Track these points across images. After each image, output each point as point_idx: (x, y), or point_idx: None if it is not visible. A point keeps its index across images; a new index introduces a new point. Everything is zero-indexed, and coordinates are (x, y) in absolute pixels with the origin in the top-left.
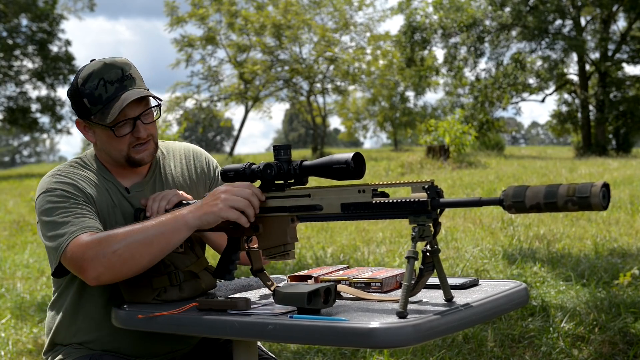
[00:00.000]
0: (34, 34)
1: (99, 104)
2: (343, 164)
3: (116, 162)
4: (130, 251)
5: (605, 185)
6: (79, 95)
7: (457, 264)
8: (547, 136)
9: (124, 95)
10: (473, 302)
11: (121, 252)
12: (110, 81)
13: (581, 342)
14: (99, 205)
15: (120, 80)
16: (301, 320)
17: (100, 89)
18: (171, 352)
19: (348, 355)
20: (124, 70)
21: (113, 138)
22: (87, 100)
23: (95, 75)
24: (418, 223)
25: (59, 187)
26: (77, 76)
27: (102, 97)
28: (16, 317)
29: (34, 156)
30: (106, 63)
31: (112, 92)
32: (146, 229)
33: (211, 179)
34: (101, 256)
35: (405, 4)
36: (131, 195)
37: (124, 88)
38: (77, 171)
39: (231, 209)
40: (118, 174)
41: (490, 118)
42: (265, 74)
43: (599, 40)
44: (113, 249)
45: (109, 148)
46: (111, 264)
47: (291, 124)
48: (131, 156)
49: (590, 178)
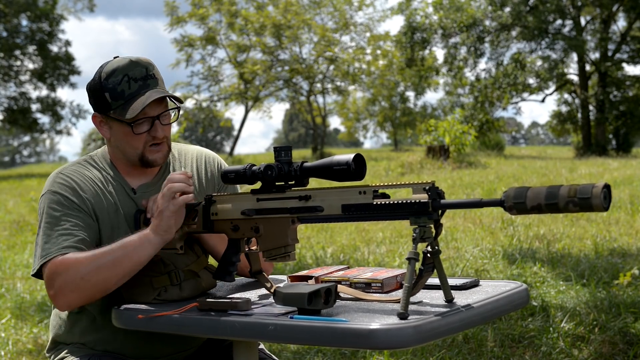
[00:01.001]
0: (34, 34)
1: (121, 99)
2: (344, 165)
3: (128, 161)
4: (97, 275)
5: (606, 186)
6: (100, 89)
7: (457, 264)
8: (547, 136)
9: (147, 93)
10: (474, 303)
11: (89, 277)
12: (134, 78)
13: (581, 342)
14: (99, 209)
15: (144, 78)
16: (301, 321)
17: (123, 85)
18: (173, 353)
19: (348, 355)
20: (147, 69)
21: (130, 135)
22: (109, 94)
23: (120, 71)
24: (419, 224)
25: (60, 191)
26: (101, 70)
27: (125, 93)
28: (16, 317)
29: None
30: (132, 60)
31: (135, 89)
32: (112, 251)
33: (220, 184)
34: (69, 283)
35: (405, 4)
36: (137, 196)
37: (147, 86)
38: (84, 171)
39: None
40: (127, 174)
41: (490, 118)
42: (265, 74)
43: (599, 40)
44: (80, 274)
45: (124, 145)
46: (80, 289)
47: (291, 124)
48: (145, 155)
49: (590, 178)
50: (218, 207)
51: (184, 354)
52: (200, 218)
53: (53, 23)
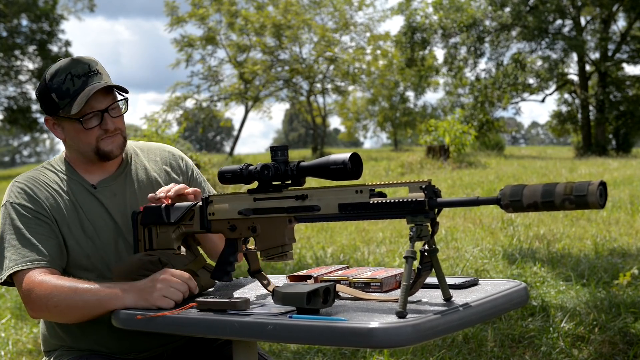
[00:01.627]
0: (34, 34)
1: (67, 97)
2: (340, 164)
3: (85, 158)
4: (68, 309)
5: (602, 183)
6: (47, 91)
7: (457, 264)
8: (547, 136)
9: (89, 87)
10: (472, 302)
11: (61, 308)
12: (77, 75)
13: (581, 342)
14: (55, 210)
15: (86, 74)
16: (300, 320)
17: (67, 83)
18: (161, 346)
19: (348, 355)
20: (90, 65)
21: (81, 131)
22: (55, 94)
23: (63, 71)
24: (416, 223)
25: (17, 200)
26: (45, 74)
27: (70, 91)
28: (16, 317)
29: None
30: (73, 59)
31: (79, 86)
32: (87, 293)
33: (187, 180)
34: (44, 303)
35: (405, 4)
36: (98, 191)
37: (90, 82)
38: (38, 177)
39: (165, 299)
40: (86, 172)
41: (490, 118)
42: (265, 74)
43: (599, 40)
44: (54, 302)
45: (78, 142)
46: (51, 313)
47: (291, 124)
48: (100, 148)
49: (590, 178)
50: (215, 207)
51: (171, 346)
52: (197, 218)
53: (53, 23)
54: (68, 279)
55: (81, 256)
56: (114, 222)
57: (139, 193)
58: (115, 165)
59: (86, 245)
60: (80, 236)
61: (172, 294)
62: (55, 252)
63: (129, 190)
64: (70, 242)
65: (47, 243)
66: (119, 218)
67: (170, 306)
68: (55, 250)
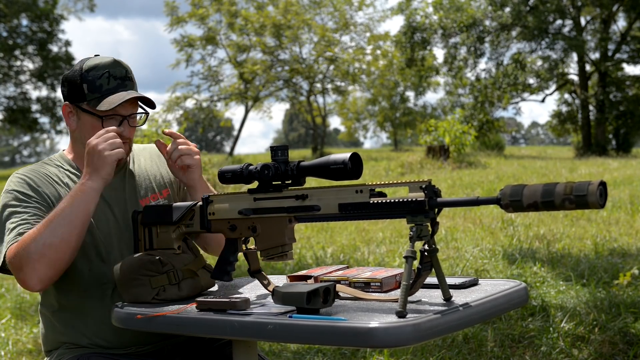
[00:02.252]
0: (34, 34)
1: (97, 92)
2: (340, 164)
3: None
4: (56, 236)
5: (602, 183)
6: (80, 79)
7: (457, 264)
8: (547, 136)
9: (125, 92)
10: (472, 302)
11: (50, 240)
12: (114, 76)
13: (581, 342)
14: (56, 200)
15: (123, 78)
16: (300, 320)
17: (103, 80)
18: (161, 341)
19: (348, 355)
20: (127, 71)
21: (97, 128)
22: (87, 86)
23: (102, 67)
24: (416, 223)
25: (16, 188)
26: (82, 64)
27: (103, 88)
28: (16, 317)
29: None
30: (115, 60)
31: (113, 86)
32: (62, 210)
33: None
34: (33, 254)
35: (405, 4)
36: None
37: (124, 86)
38: (39, 169)
39: (114, 151)
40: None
41: (490, 118)
42: (265, 74)
43: (599, 40)
44: (41, 242)
45: (88, 137)
46: (45, 256)
47: (291, 124)
48: None
49: (590, 178)
50: (215, 207)
51: (172, 341)
52: (197, 218)
53: (53, 23)
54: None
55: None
56: (113, 216)
57: (138, 188)
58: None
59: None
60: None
61: (111, 145)
62: None
63: (129, 186)
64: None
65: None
66: (118, 212)
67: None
68: None
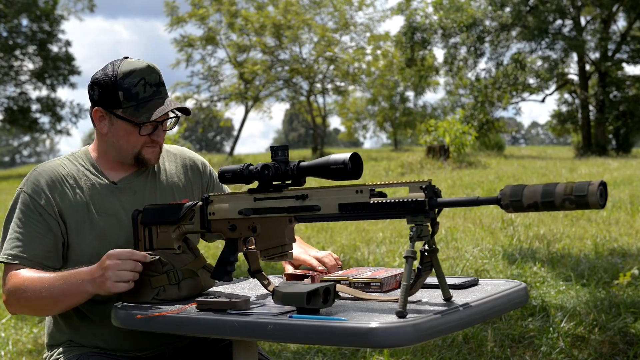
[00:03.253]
0: (34, 34)
1: (134, 100)
2: (340, 164)
3: (118, 158)
4: (38, 304)
5: (602, 183)
6: (114, 86)
7: (457, 264)
8: (547, 136)
9: (165, 104)
10: (472, 302)
11: (31, 303)
12: (150, 83)
13: (581, 342)
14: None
15: (157, 85)
16: (301, 320)
17: (139, 87)
18: (163, 345)
19: (348, 355)
20: (160, 76)
21: (132, 134)
22: (123, 93)
23: (138, 74)
24: (416, 223)
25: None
26: (116, 69)
27: (139, 96)
28: (16, 317)
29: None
30: (149, 65)
31: (149, 94)
32: (52, 287)
33: (207, 179)
34: (17, 300)
35: (405, 4)
36: (118, 188)
37: (159, 93)
38: (58, 170)
39: (119, 284)
40: (109, 168)
41: (490, 118)
42: (265, 74)
43: (599, 40)
44: (25, 297)
45: (122, 143)
46: (25, 308)
47: (291, 124)
48: (142, 154)
49: (590, 178)
50: (215, 207)
51: (173, 346)
52: (197, 218)
53: (53, 23)
54: (36, 271)
55: (83, 255)
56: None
57: (159, 192)
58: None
59: (91, 244)
60: (86, 235)
61: (122, 276)
62: (43, 252)
63: (150, 189)
64: (73, 240)
65: (38, 241)
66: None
67: (128, 288)
68: (45, 249)
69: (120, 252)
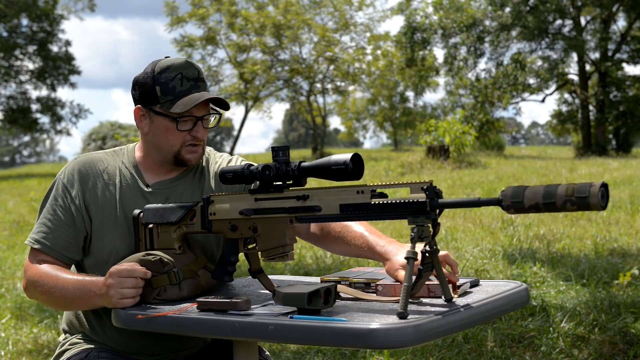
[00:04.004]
0: (34, 34)
1: (171, 95)
2: (342, 165)
3: (159, 157)
4: (51, 300)
5: (604, 185)
6: (152, 82)
7: (457, 264)
8: (547, 136)
9: (200, 93)
10: (473, 303)
11: (45, 297)
12: (187, 77)
13: (581, 342)
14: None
15: (196, 79)
16: (301, 321)
17: (176, 82)
18: (173, 351)
19: (348, 355)
20: (200, 72)
21: (171, 131)
22: (160, 88)
23: (174, 69)
24: (417, 224)
25: (65, 182)
26: (154, 65)
27: (176, 90)
28: (16, 317)
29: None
30: (187, 61)
31: (186, 88)
32: (65, 290)
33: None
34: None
35: (405, 4)
36: (150, 192)
37: (197, 87)
38: (97, 163)
39: (124, 300)
40: (147, 169)
41: (490, 118)
42: (265, 74)
43: (599, 40)
44: (40, 290)
45: (162, 141)
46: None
47: (291, 124)
48: (181, 153)
49: (590, 178)
50: (216, 207)
51: (185, 352)
52: (198, 218)
53: (53, 23)
54: (56, 267)
55: (103, 251)
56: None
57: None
58: (178, 170)
59: (112, 242)
60: (108, 232)
61: (125, 294)
62: (66, 242)
63: (187, 194)
64: (95, 235)
65: (62, 230)
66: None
67: (133, 303)
68: (67, 240)
69: (120, 270)
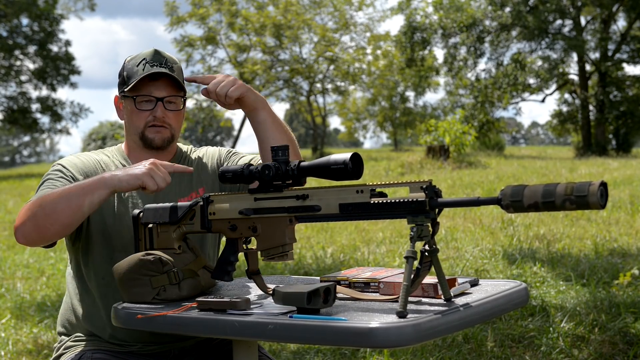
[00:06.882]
0: (34, 34)
1: (133, 78)
2: (341, 164)
3: (135, 144)
4: (52, 205)
5: (603, 184)
6: (122, 70)
7: (457, 264)
8: (547, 136)
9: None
10: (473, 302)
11: (45, 205)
12: (149, 62)
13: (581, 342)
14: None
15: (158, 64)
16: (301, 320)
17: (140, 67)
18: (168, 343)
19: (348, 355)
20: (167, 60)
21: (134, 111)
22: (126, 73)
23: (141, 56)
24: (416, 223)
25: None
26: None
27: (138, 73)
28: (16, 317)
29: (34, 156)
30: (156, 50)
31: (144, 69)
32: (69, 188)
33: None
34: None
35: (405, 4)
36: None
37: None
38: (91, 155)
39: (151, 179)
40: (136, 159)
41: (490, 118)
42: (265, 74)
43: (599, 40)
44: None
45: (129, 123)
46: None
47: (291, 124)
48: (145, 134)
49: (590, 178)
50: (216, 207)
51: (179, 345)
52: (198, 218)
53: (53, 23)
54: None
55: (99, 229)
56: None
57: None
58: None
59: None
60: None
61: (157, 177)
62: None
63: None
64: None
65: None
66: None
67: (153, 188)
68: None
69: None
